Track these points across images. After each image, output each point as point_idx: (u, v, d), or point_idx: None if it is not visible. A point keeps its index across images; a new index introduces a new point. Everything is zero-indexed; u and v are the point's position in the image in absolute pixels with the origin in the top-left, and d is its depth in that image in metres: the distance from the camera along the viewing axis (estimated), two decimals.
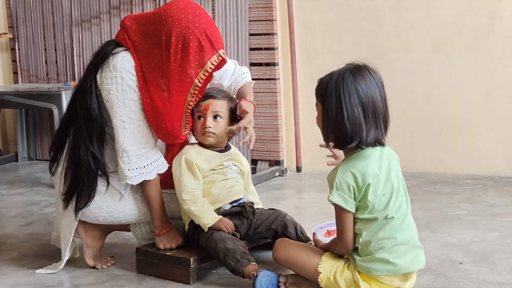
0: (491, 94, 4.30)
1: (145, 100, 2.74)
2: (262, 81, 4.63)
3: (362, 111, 2.35)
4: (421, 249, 2.47)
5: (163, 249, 2.82)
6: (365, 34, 4.56)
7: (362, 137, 2.35)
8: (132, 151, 2.76)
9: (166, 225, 2.84)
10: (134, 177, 2.78)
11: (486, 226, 3.35)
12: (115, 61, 2.74)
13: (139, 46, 2.74)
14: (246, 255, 2.65)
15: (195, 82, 2.69)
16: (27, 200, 4.25)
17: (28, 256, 3.16)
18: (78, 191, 2.83)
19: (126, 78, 2.72)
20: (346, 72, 2.41)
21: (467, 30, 4.31)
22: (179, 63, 2.66)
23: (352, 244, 2.45)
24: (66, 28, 5.31)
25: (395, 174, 2.44)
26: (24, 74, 5.54)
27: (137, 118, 2.76)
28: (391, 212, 2.39)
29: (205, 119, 2.83)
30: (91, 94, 2.75)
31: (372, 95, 2.38)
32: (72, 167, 2.84)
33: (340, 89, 2.36)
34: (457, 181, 4.27)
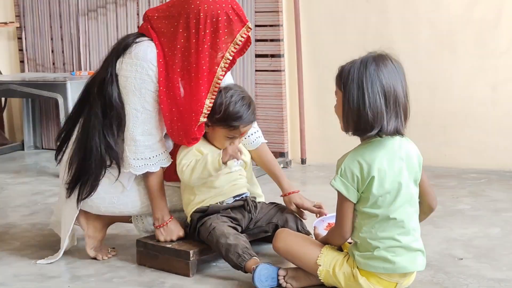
0: (496, 88, 4.28)
1: (163, 90, 2.73)
2: (267, 72, 4.63)
3: (384, 99, 2.33)
4: (423, 252, 2.46)
5: (163, 241, 2.82)
6: (371, 26, 4.54)
7: (382, 125, 2.33)
8: (140, 140, 2.76)
9: (166, 217, 2.84)
10: (139, 167, 2.78)
11: (489, 221, 3.34)
12: (137, 49, 2.74)
13: (164, 31, 2.74)
14: (248, 250, 2.64)
15: (226, 56, 2.67)
16: (32, 189, 4.27)
17: (30, 246, 3.17)
18: (82, 180, 2.84)
19: (146, 68, 2.72)
20: (369, 60, 2.40)
21: (474, 23, 4.28)
22: (208, 38, 2.66)
23: (350, 233, 2.45)
24: (73, 18, 5.32)
25: (407, 174, 2.42)
26: (31, 64, 5.55)
27: (150, 109, 2.75)
28: (394, 213, 2.38)
29: (237, 139, 2.81)
30: (112, 82, 2.75)
31: (394, 84, 2.37)
32: (79, 156, 2.84)
33: (362, 76, 2.35)
34: (462, 175, 4.26)
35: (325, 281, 2.51)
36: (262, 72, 4.65)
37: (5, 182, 4.46)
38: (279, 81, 4.61)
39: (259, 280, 2.52)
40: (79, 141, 2.85)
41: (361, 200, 2.42)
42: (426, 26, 4.40)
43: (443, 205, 3.62)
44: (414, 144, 2.51)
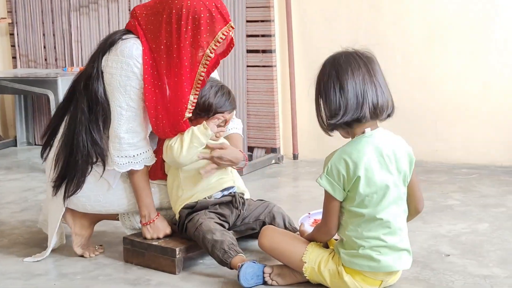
0: (487, 84, 4.27)
1: (148, 87, 2.73)
2: (258, 68, 4.62)
3: (340, 91, 2.36)
4: (409, 251, 2.46)
5: (149, 239, 2.82)
6: (362, 21, 4.52)
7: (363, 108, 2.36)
8: (124, 138, 2.76)
9: (153, 214, 2.84)
10: (123, 165, 2.78)
11: (477, 217, 3.33)
12: (123, 46, 2.74)
13: (150, 28, 2.74)
14: (234, 247, 2.64)
15: (207, 53, 2.69)
16: (23, 186, 4.26)
17: (18, 244, 3.17)
18: (69, 177, 2.84)
19: (132, 65, 2.72)
20: (329, 58, 2.47)
21: (465, 18, 4.27)
22: (190, 35, 2.67)
23: (335, 230, 2.45)
24: (64, 14, 5.30)
25: (396, 173, 2.42)
26: (23, 60, 5.54)
27: (135, 106, 2.75)
28: (380, 213, 2.38)
29: (221, 127, 2.86)
30: (98, 78, 2.76)
31: (353, 70, 2.39)
32: (65, 153, 2.84)
33: (325, 69, 2.43)
34: (453, 170, 4.25)
35: (310, 278, 2.51)
36: (253, 68, 4.64)
37: None
38: (271, 76, 4.60)
39: (244, 278, 2.51)
40: (65, 137, 2.84)
41: (348, 198, 2.41)
42: (418, 22, 4.39)
43: (432, 201, 3.62)
44: (406, 143, 2.50)
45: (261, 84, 4.63)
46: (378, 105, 2.38)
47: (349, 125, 2.40)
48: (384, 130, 2.46)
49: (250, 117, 4.68)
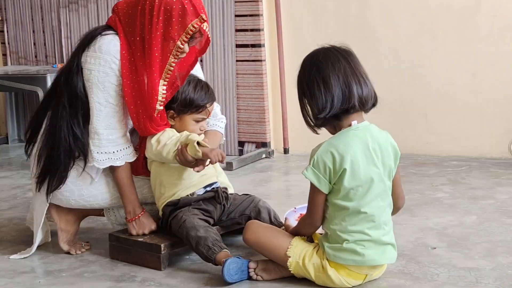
0: (477, 75, 4.27)
1: (126, 83, 2.73)
2: (248, 62, 4.61)
3: (323, 86, 2.37)
4: (393, 245, 2.46)
5: (135, 235, 2.81)
6: (351, 15, 4.52)
7: (352, 98, 2.36)
8: (103, 134, 2.76)
9: (138, 210, 2.83)
10: (102, 161, 2.78)
11: (465, 209, 3.33)
12: (101, 42, 2.75)
13: (127, 21, 2.75)
14: (218, 243, 2.64)
15: (178, 44, 2.70)
16: (13, 183, 4.26)
17: (4, 242, 3.16)
18: (51, 172, 2.84)
19: (109, 61, 2.73)
20: (308, 56, 2.46)
21: (453, 10, 4.27)
22: (161, 26, 2.68)
23: (320, 222, 2.45)
24: (54, 10, 5.29)
25: (382, 167, 2.41)
26: (13, 57, 5.53)
27: (114, 102, 2.76)
28: (365, 207, 2.37)
29: (203, 121, 2.87)
30: (78, 72, 2.77)
31: (333, 63, 2.39)
32: (48, 148, 2.84)
33: (305, 67, 2.44)
34: (443, 162, 4.25)
35: (295, 272, 2.50)
36: (242, 62, 4.63)
37: None
38: (260, 71, 4.59)
39: (228, 274, 2.50)
40: (47, 133, 2.85)
41: (333, 191, 2.41)
42: (406, 14, 4.38)
43: (421, 194, 3.62)
44: (391, 138, 2.49)
45: (251, 79, 4.62)
46: (363, 95, 2.38)
47: (338, 117, 2.39)
48: (370, 124, 2.46)
49: (240, 111, 4.68)
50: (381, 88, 4.40)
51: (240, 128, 4.70)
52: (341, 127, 2.42)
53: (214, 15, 4.62)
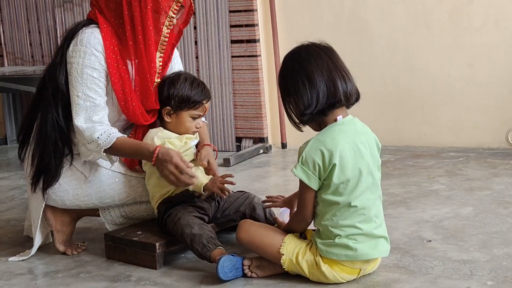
0: (473, 66, 4.26)
1: (113, 72, 2.76)
2: (243, 58, 4.61)
3: (308, 82, 2.37)
4: (386, 238, 2.46)
5: (166, 174, 2.66)
6: (346, 7, 4.51)
7: (338, 90, 2.37)
8: (83, 127, 2.73)
9: (152, 148, 2.72)
10: (94, 149, 2.74)
11: (461, 201, 3.33)
12: (82, 36, 2.77)
13: (110, 7, 2.78)
14: (213, 240, 2.64)
15: (170, 14, 2.77)
16: (11, 184, 4.26)
17: (2, 243, 3.16)
18: (44, 170, 2.84)
19: (89, 53, 2.74)
20: (289, 54, 2.48)
21: (447, 1, 4.25)
22: (150, 0, 2.73)
23: (311, 218, 2.45)
24: (49, 10, 5.29)
25: (367, 159, 2.41)
26: (10, 57, 5.54)
27: (93, 96, 2.74)
28: (355, 201, 2.37)
29: (199, 118, 2.86)
30: (61, 65, 2.79)
31: (316, 59, 2.39)
32: (39, 146, 2.84)
33: (287, 66, 2.45)
34: (441, 154, 4.25)
35: (289, 269, 2.50)
36: (238, 58, 4.62)
37: None
38: (256, 66, 4.59)
39: (223, 271, 2.50)
40: (38, 131, 2.85)
41: (323, 187, 2.41)
42: (400, 5, 4.37)
43: (417, 186, 3.62)
44: (371, 130, 2.50)
45: (247, 74, 4.62)
46: (347, 90, 2.38)
47: (324, 113, 2.39)
48: (354, 118, 2.46)
49: (237, 107, 4.67)
50: (376, 80, 4.48)
51: (237, 123, 4.69)
52: (326, 123, 2.42)
53: (208, 11, 4.62)
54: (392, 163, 4.13)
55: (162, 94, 2.84)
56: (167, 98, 2.82)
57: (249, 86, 4.62)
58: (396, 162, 4.14)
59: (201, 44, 4.68)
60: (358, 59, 4.49)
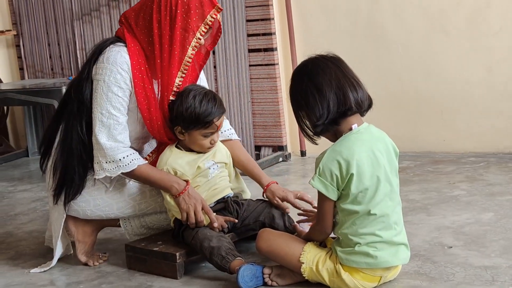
0: (491, 69, 4.24)
1: (139, 92, 2.78)
2: (261, 67, 4.62)
3: (318, 93, 2.38)
4: (406, 245, 2.45)
5: (185, 209, 2.75)
6: (362, 14, 4.51)
7: (350, 97, 2.36)
8: (106, 145, 2.75)
9: (182, 184, 2.77)
10: (112, 170, 2.77)
11: (482, 206, 3.31)
12: (109, 54, 2.79)
13: (140, 24, 2.80)
14: (232, 251, 2.64)
15: (197, 35, 2.77)
16: (32, 196, 4.30)
17: (24, 255, 3.19)
18: (67, 183, 2.86)
19: (115, 72, 2.76)
20: (297, 69, 2.51)
21: (465, 5, 4.24)
22: (179, 19, 2.74)
23: (331, 228, 2.45)
24: (68, 23, 5.34)
25: (384, 166, 2.40)
26: (30, 70, 5.59)
27: (116, 114, 2.77)
28: (374, 209, 2.36)
29: (214, 135, 2.82)
30: (87, 80, 2.81)
31: (323, 70, 2.40)
32: (62, 159, 2.86)
33: (295, 80, 2.46)
34: (461, 159, 4.23)
35: (309, 278, 2.50)
36: (256, 67, 4.63)
37: (7, 191, 4.50)
38: (273, 74, 4.59)
39: (243, 281, 2.51)
40: (61, 143, 2.88)
41: (342, 197, 2.41)
42: (417, 10, 4.36)
43: (438, 192, 3.60)
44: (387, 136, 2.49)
45: (265, 83, 4.63)
46: (358, 97, 2.39)
47: (336, 122, 2.39)
48: (369, 125, 2.45)
49: (256, 116, 4.68)
50: (395, 86, 4.47)
51: (256, 132, 4.70)
52: (341, 133, 2.42)
53: (225, 20, 4.63)
54: (412, 169, 4.11)
55: (172, 113, 2.81)
56: (176, 118, 2.79)
57: (267, 95, 4.62)
58: (416, 168, 4.12)
59: (219, 54, 4.70)
60: (375, 65, 4.49)
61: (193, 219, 2.74)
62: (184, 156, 2.83)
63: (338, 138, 2.42)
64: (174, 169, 2.80)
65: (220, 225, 2.77)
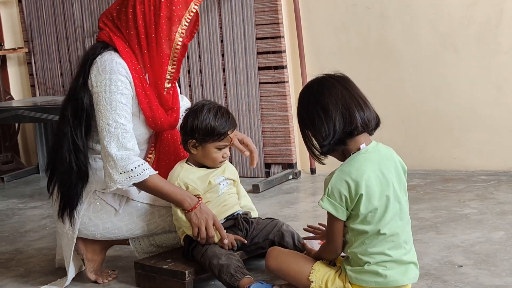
0: (501, 87, 4.23)
1: (140, 92, 2.81)
2: (271, 84, 4.63)
3: (324, 114, 2.37)
4: (415, 264, 2.43)
5: (197, 224, 2.75)
6: (372, 32, 4.52)
7: (357, 119, 2.35)
8: (117, 155, 2.73)
9: (195, 199, 2.78)
10: (124, 181, 2.75)
11: (493, 225, 3.29)
12: (102, 64, 2.75)
13: (123, 19, 2.80)
14: (241, 269, 2.64)
15: (182, 22, 2.80)
16: (42, 213, 4.31)
17: (33, 272, 3.20)
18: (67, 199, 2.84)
19: (115, 80, 2.74)
20: (304, 89, 2.50)
21: (475, 23, 4.24)
22: (164, 7, 2.77)
23: (341, 248, 2.44)
24: (79, 40, 5.38)
25: (393, 185, 2.39)
26: (41, 87, 5.62)
27: (123, 122, 2.75)
28: (384, 228, 2.35)
29: (226, 148, 2.86)
30: (84, 86, 2.77)
31: (329, 90, 2.38)
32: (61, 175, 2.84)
33: (302, 100, 2.46)
34: (471, 177, 4.21)
35: None
36: (266, 85, 4.64)
37: (17, 207, 4.52)
38: (284, 92, 4.60)
39: None
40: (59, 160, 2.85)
41: (351, 217, 2.39)
42: (427, 29, 4.37)
43: (448, 210, 3.59)
44: (395, 153, 2.48)
45: (275, 100, 4.63)
46: (365, 116, 2.38)
47: (343, 142, 2.38)
48: (377, 144, 2.45)
49: (265, 133, 4.69)
50: (405, 104, 4.47)
51: (266, 150, 4.71)
52: (349, 152, 2.41)
53: (235, 38, 4.65)
54: (422, 187, 4.10)
55: (186, 127, 2.83)
56: (191, 131, 2.81)
57: (277, 112, 4.63)
58: (426, 186, 4.11)
59: (229, 71, 4.72)
60: (385, 83, 4.49)
61: (204, 234, 2.74)
62: (195, 171, 2.84)
63: (347, 157, 2.41)
64: (186, 184, 2.81)
65: (230, 243, 2.77)
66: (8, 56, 5.75)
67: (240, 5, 4.63)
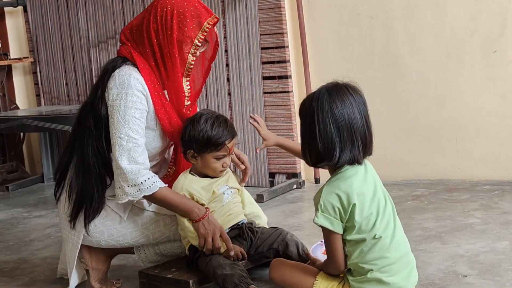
0: (506, 97, 4.23)
1: (159, 109, 2.83)
2: (275, 94, 4.64)
3: (336, 129, 2.33)
4: (414, 265, 2.43)
5: (204, 234, 2.75)
6: (376, 42, 4.53)
7: (334, 155, 2.33)
8: (127, 169, 2.74)
9: (203, 209, 2.79)
10: (135, 193, 2.75)
11: (497, 235, 3.29)
12: (120, 78, 2.78)
13: (141, 36, 2.82)
14: (245, 279, 2.64)
15: (195, 42, 2.81)
16: (47, 222, 4.32)
17: (38, 281, 3.20)
18: (87, 202, 2.84)
19: (131, 94, 2.76)
20: (322, 91, 2.40)
21: (479, 33, 4.25)
22: (176, 28, 2.78)
23: (344, 264, 2.42)
24: (84, 50, 5.40)
25: (381, 191, 2.42)
26: (47, 97, 5.64)
27: (135, 136, 2.77)
28: (379, 232, 2.35)
29: (226, 157, 2.86)
30: (101, 98, 2.80)
31: (348, 113, 2.34)
32: (79, 178, 2.85)
33: (314, 107, 2.37)
34: (475, 187, 4.21)
35: None
36: (270, 94, 4.66)
37: (22, 216, 4.52)
38: (288, 102, 4.61)
39: None
40: (77, 163, 2.87)
41: (347, 229, 2.38)
42: (431, 39, 4.37)
43: (452, 220, 3.58)
44: None
45: (279, 110, 4.64)
46: (343, 156, 2.34)
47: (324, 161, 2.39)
48: None
49: None
50: (409, 113, 4.48)
51: (270, 159, 4.71)
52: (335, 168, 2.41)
53: (240, 48, 4.67)
54: (426, 197, 4.10)
55: (184, 137, 2.84)
56: (189, 141, 2.82)
57: (282, 122, 4.64)
58: (430, 196, 4.11)
59: (233, 81, 4.73)
60: (390, 93, 4.50)
61: (210, 245, 2.75)
62: (199, 181, 2.85)
63: (336, 170, 2.41)
64: (191, 193, 2.81)
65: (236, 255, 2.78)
66: (14, 66, 5.77)
67: (244, 15, 4.64)
